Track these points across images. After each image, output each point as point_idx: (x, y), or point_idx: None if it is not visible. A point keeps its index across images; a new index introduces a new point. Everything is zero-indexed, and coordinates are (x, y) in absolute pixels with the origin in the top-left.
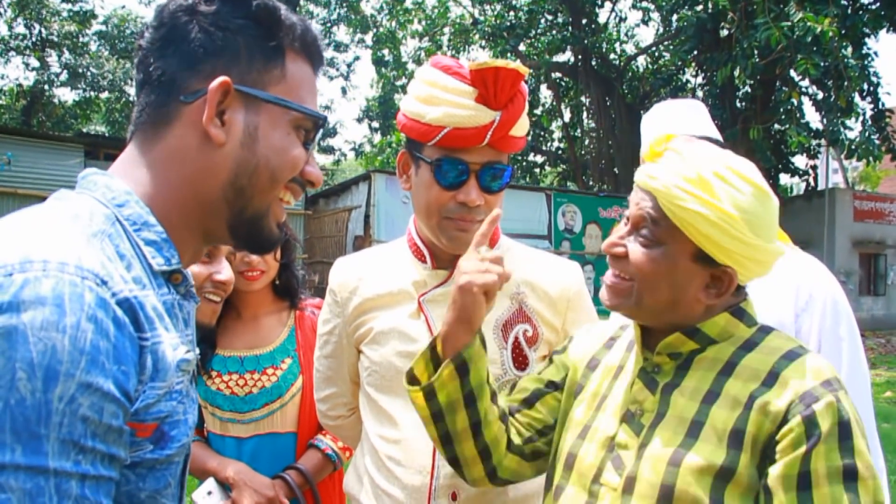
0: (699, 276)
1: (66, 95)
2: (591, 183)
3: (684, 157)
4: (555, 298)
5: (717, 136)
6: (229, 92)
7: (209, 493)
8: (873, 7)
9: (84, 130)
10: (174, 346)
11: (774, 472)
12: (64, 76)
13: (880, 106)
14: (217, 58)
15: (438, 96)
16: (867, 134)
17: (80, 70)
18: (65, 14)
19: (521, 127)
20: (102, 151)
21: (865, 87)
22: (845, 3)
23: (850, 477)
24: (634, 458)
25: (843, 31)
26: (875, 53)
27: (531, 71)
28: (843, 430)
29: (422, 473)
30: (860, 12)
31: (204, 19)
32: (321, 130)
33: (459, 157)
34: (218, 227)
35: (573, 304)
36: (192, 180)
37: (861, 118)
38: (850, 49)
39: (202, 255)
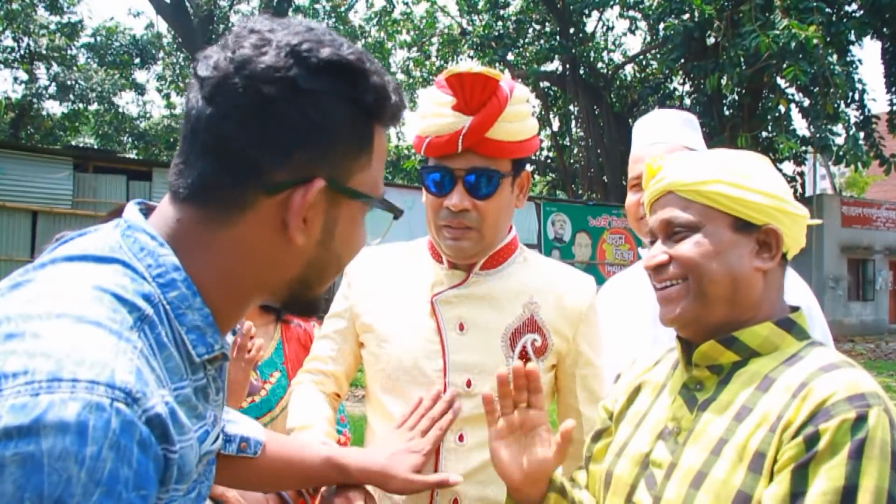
0: (746, 244)
1: (55, 108)
2: (580, 192)
3: (679, 158)
4: (568, 310)
5: (701, 146)
6: (320, 191)
7: None
8: (857, 15)
9: (73, 143)
10: (202, 436)
11: (769, 491)
12: (52, 89)
13: (866, 112)
14: (311, 148)
15: (426, 109)
16: (855, 140)
17: (69, 82)
18: (53, 27)
19: (508, 131)
20: (91, 164)
21: (851, 94)
22: (830, 10)
23: (847, 499)
24: (663, 478)
25: (828, 39)
26: (859, 61)
27: (501, 75)
28: (855, 448)
29: None
30: (845, 20)
31: (305, 100)
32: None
33: (444, 164)
34: (271, 300)
35: (585, 317)
36: (258, 273)
37: (848, 124)
38: (835, 56)
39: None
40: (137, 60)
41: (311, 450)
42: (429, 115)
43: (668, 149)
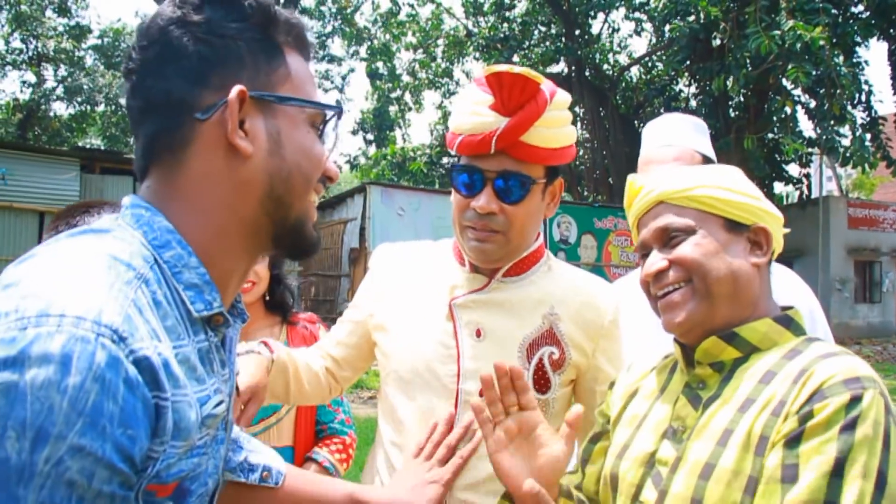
0: (739, 242)
1: (62, 109)
2: (585, 193)
3: (662, 173)
4: (588, 324)
5: (713, 157)
6: (245, 100)
7: None
8: (864, 16)
9: (80, 144)
10: (203, 399)
11: (766, 463)
12: (60, 90)
13: (873, 113)
14: (223, 67)
15: (463, 106)
16: (861, 141)
17: (76, 84)
18: (61, 29)
19: (544, 137)
20: (98, 165)
21: (858, 95)
22: (836, 12)
23: (836, 472)
24: (669, 472)
25: (834, 40)
26: (866, 62)
27: (542, 78)
28: (847, 424)
29: None
30: (851, 21)
31: (198, 29)
32: (339, 121)
33: (475, 165)
34: (263, 241)
35: (606, 331)
36: (229, 201)
37: (854, 126)
38: (841, 58)
39: (249, 274)
40: None
41: (333, 486)
42: (465, 113)
43: (679, 152)
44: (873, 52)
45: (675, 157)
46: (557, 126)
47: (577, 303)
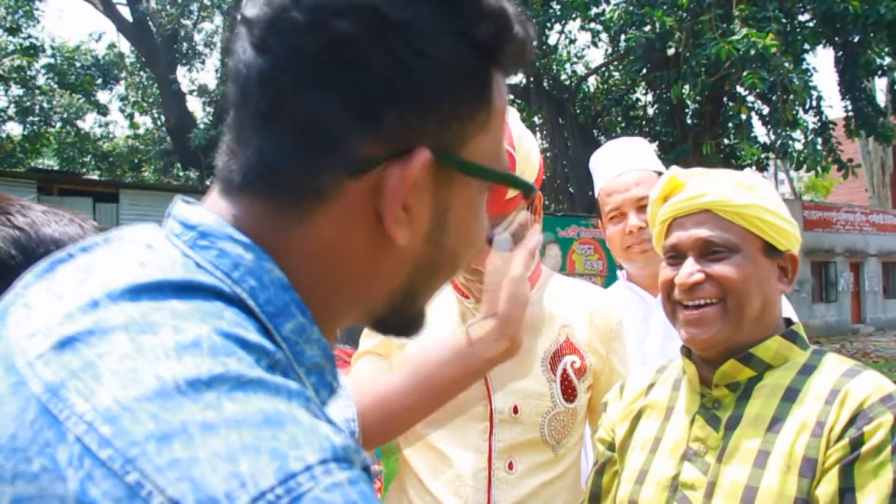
0: (772, 269)
1: (15, 130)
2: (547, 203)
3: (711, 175)
4: (600, 329)
5: (663, 168)
6: (426, 167)
7: None
8: (811, 24)
9: (34, 165)
10: None
11: (819, 490)
12: (12, 110)
13: (823, 118)
14: (409, 106)
15: None
16: (814, 146)
17: (29, 104)
18: (11, 48)
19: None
20: (56, 187)
21: (809, 100)
22: (785, 20)
23: None
24: (703, 498)
25: (784, 48)
26: (814, 68)
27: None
28: None
29: None
30: (799, 29)
31: (396, 37)
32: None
33: None
34: (361, 320)
35: (616, 334)
36: (351, 285)
37: (806, 131)
38: (791, 64)
39: None
40: (99, 81)
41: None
42: None
43: (640, 176)
44: (820, 59)
45: (637, 181)
46: (526, 163)
47: (586, 311)
